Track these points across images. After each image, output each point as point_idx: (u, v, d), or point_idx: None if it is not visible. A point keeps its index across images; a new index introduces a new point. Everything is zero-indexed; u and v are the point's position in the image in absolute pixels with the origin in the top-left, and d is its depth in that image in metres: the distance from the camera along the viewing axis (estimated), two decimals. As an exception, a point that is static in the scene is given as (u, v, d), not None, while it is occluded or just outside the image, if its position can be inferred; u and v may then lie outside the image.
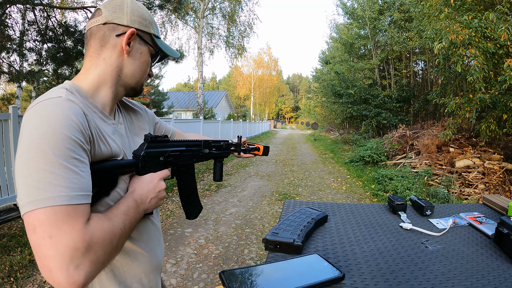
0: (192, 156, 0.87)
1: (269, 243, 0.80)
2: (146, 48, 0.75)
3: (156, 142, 0.74)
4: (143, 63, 0.75)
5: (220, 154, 1.02)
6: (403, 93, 11.49)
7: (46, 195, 0.50)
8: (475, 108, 5.49)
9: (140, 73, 0.76)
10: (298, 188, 5.89)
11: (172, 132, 1.07)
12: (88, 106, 0.67)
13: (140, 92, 0.79)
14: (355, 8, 13.52)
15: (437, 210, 1.15)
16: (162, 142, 0.76)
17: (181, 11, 8.70)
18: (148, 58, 0.76)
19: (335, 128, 21.95)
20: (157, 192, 0.72)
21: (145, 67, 0.76)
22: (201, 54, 13.38)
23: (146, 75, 0.79)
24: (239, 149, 1.11)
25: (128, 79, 0.74)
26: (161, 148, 0.75)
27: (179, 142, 0.83)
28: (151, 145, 0.72)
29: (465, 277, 0.69)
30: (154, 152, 0.73)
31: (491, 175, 5.53)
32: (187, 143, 0.86)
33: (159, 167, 0.75)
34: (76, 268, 0.48)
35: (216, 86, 56.34)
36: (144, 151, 0.70)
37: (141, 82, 0.78)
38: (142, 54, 0.74)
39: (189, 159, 0.86)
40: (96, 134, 0.63)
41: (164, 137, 0.76)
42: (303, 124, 40.94)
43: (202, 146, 0.90)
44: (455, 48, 5.17)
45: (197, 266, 2.73)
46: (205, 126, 10.72)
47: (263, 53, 38.39)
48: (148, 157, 0.71)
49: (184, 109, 22.40)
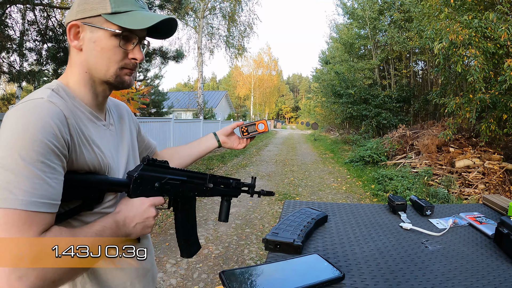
0: (194, 189, 0.79)
1: (269, 243, 0.80)
2: (101, 33, 0.64)
3: (153, 166, 0.69)
4: (102, 51, 0.65)
5: (228, 193, 0.91)
6: (403, 93, 11.49)
7: (3, 195, 0.47)
8: (475, 108, 5.49)
9: (104, 62, 0.66)
10: (298, 188, 5.89)
11: (152, 148, 1.00)
12: (75, 107, 0.63)
13: (119, 83, 0.69)
14: (355, 8, 13.52)
15: (437, 210, 1.15)
16: (160, 167, 0.71)
17: (181, 11, 8.69)
18: (107, 42, 0.65)
19: (335, 128, 21.95)
20: (144, 218, 0.66)
21: (108, 54, 0.65)
22: (201, 54, 13.39)
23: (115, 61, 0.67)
24: (252, 191, 0.98)
25: (96, 73, 0.67)
26: (158, 173, 0.70)
27: (181, 171, 0.76)
28: (148, 168, 0.68)
29: (465, 277, 0.69)
30: (150, 176, 0.68)
31: (491, 175, 5.52)
32: (190, 174, 0.78)
33: (153, 193, 0.69)
34: (19, 279, 0.45)
35: (216, 86, 56.34)
36: (138, 173, 0.66)
37: (111, 73, 0.67)
38: (97, 41, 0.64)
39: (190, 192, 0.79)
40: (78, 138, 0.59)
41: (164, 162, 0.71)
42: (303, 124, 40.94)
43: (208, 180, 0.82)
44: (455, 48, 5.17)
45: (197, 266, 2.73)
46: (205, 126, 10.73)
47: (263, 53, 38.41)
48: (141, 180, 0.66)
49: (184, 109, 22.40)
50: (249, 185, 0.98)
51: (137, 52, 0.69)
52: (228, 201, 0.93)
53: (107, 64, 0.66)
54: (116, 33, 0.65)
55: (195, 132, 9.72)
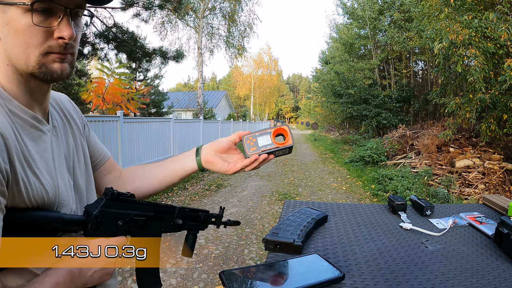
0: (160, 225, 0.68)
1: (269, 243, 0.80)
2: (13, 11, 0.49)
3: (117, 201, 0.58)
4: (15, 35, 0.50)
5: (195, 227, 0.81)
6: (403, 93, 11.50)
7: None
8: (475, 108, 5.49)
9: (22, 49, 0.50)
10: (298, 188, 5.89)
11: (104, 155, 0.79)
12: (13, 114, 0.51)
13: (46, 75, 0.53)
14: (355, 8, 13.53)
15: (437, 210, 1.15)
16: (126, 202, 0.60)
17: (181, 11, 8.70)
18: (20, 21, 0.49)
19: (335, 128, 21.96)
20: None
21: (24, 37, 0.50)
22: (201, 54, 13.39)
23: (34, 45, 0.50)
24: (219, 222, 0.86)
25: (18, 65, 0.52)
26: (122, 209, 0.59)
27: (148, 205, 0.65)
28: (110, 204, 0.57)
29: (465, 277, 0.69)
30: (113, 213, 0.57)
31: (491, 175, 5.52)
32: (158, 208, 0.67)
33: (115, 233, 0.58)
34: None
35: (216, 86, 56.36)
36: (99, 210, 0.55)
37: (32, 62, 0.51)
38: (11, 23, 0.49)
39: (157, 228, 0.67)
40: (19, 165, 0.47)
41: (130, 195, 0.60)
42: (303, 124, 40.97)
43: (176, 214, 0.72)
44: (455, 48, 5.17)
45: (197, 266, 2.73)
46: (205, 126, 10.72)
47: (263, 53, 38.42)
48: (102, 218, 0.56)
49: (184, 109, 22.40)
50: (217, 216, 0.85)
51: (64, 28, 0.51)
52: (195, 235, 0.82)
53: (25, 51, 0.50)
54: (26, 7, 0.48)
55: (195, 132, 9.71)
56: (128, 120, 5.81)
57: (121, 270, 2.58)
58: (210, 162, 0.73)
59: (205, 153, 0.73)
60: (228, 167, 0.72)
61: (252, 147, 0.70)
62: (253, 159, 0.70)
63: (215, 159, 0.73)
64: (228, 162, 0.73)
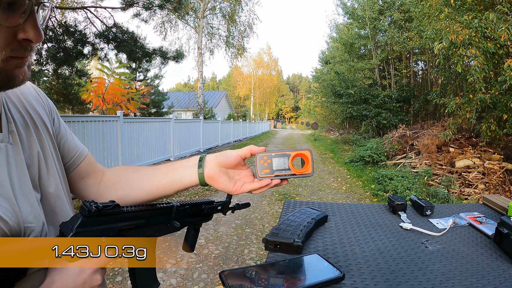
0: (154, 230, 0.59)
1: (269, 243, 0.80)
2: None
3: (98, 216, 0.47)
4: None
5: (199, 221, 0.71)
6: (403, 93, 11.50)
7: None
8: (475, 108, 5.49)
9: None
10: (298, 188, 5.89)
11: (80, 153, 0.65)
12: None
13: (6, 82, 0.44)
14: (355, 8, 13.54)
15: (437, 210, 1.15)
16: (109, 216, 0.49)
17: (181, 11, 8.70)
18: None
19: (335, 128, 21.96)
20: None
21: None
22: (201, 54, 13.39)
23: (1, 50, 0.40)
24: (226, 209, 0.76)
25: None
26: (105, 224, 0.49)
27: (137, 211, 0.54)
28: (89, 221, 0.47)
29: (465, 277, 0.69)
30: (93, 231, 0.48)
31: (491, 175, 5.53)
32: (150, 213, 0.57)
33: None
34: None
35: (216, 86, 56.37)
36: (74, 232, 0.46)
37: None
38: None
39: (149, 233, 0.59)
40: None
41: (114, 206, 0.49)
42: (303, 124, 40.98)
43: (174, 215, 0.62)
44: (455, 48, 5.18)
45: (197, 266, 2.73)
46: (205, 126, 10.72)
47: (263, 53, 38.46)
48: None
49: (184, 109, 22.42)
50: (223, 204, 0.75)
51: (31, 28, 0.42)
52: (197, 229, 0.74)
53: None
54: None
55: (195, 132, 9.71)
56: (128, 120, 5.81)
57: (121, 270, 2.58)
58: (214, 179, 0.60)
59: (209, 167, 0.60)
60: (235, 188, 0.60)
61: (265, 169, 0.61)
62: (264, 183, 0.60)
63: (220, 176, 0.60)
64: (235, 180, 0.61)
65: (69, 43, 5.91)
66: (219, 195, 5.17)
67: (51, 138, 0.58)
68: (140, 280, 0.61)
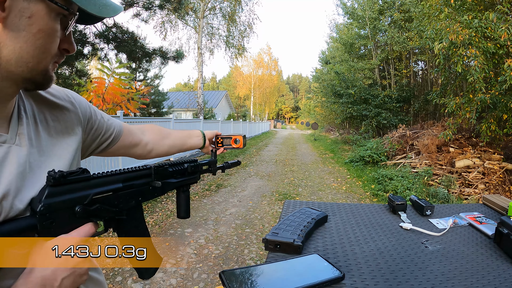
0: (136, 195, 0.57)
1: (269, 243, 0.80)
2: (41, 7, 0.43)
3: (65, 184, 0.46)
4: (37, 35, 0.43)
5: (184, 182, 0.69)
6: (403, 93, 11.50)
7: None
8: (475, 108, 5.49)
9: (37, 52, 0.44)
10: (298, 188, 5.89)
11: (118, 129, 0.73)
12: None
13: (46, 82, 0.49)
14: (355, 8, 13.54)
15: (437, 210, 1.15)
16: (77, 182, 0.47)
17: (181, 11, 8.70)
18: (48, 23, 0.44)
19: (335, 128, 21.96)
20: (71, 267, 0.45)
21: (43, 40, 0.44)
22: (201, 54, 13.39)
23: (50, 53, 0.46)
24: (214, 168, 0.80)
25: (12, 65, 0.44)
26: (76, 192, 0.47)
27: (112, 175, 0.53)
28: (57, 190, 0.45)
29: (465, 277, 0.69)
30: (63, 201, 0.46)
31: (491, 175, 5.53)
32: (126, 176, 0.56)
33: (76, 223, 0.48)
34: None
35: (216, 86, 56.38)
36: (43, 204, 0.43)
37: (40, 68, 0.46)
38: (34, 18, 0.43)
39: (131, 200, 0.56)
40: None
41: (81, 171, 0.48)
42: (303, 124, 40.99)
43: (153, 176, 0.60)
44: (455, 48, 5.18)
45: (197, 266, 2.73)
46: (205, 126, 10.73)
47: (263, 53, 38.44)
48: (51, 212, 0.44)
49: (184, 109, 22.41)
50: (210, 162, 0.78)
51: (71, 42, 0.50)
52: (186, 192, 0.72)
53: (40, 55, 0.45)
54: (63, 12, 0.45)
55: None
56: (128, 120, 5.81)
57: (121, 270, 2.58)
58: (206, 147, 0.99)
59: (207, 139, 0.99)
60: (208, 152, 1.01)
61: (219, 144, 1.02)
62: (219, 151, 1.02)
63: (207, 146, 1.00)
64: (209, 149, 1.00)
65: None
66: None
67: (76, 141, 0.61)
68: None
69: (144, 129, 0.87)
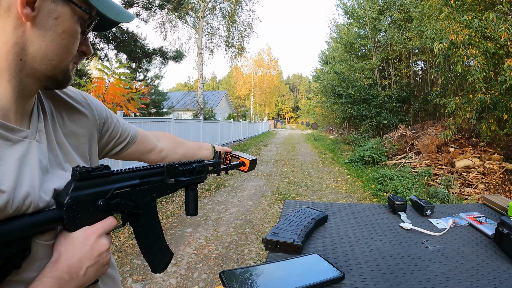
0: (151, 191, 0.61)
1: (269, 243, 0.80)
2: (67, 9, 0.47)
3: (90, 179, 0.50)
4: (62, 35, 0.47)
5: (193, 181, 0.74)
6: (403, 93, 11.50)
7: None
8: (475, 109, 5.49)
9: (60, 51, 0.48)
10: (298, 188, 5.89)
11: (133, 133, 0.78)
12: None
13: (66, 81, 0.52)
14: (355, 8, 13.54)
15: (437, 210, 1.15)
16: (100, 178, 0.51)
17: (181, 11, 8.70)
18: (72, 25, 0.48)
19: (335, 128, 21.96)
20: (96, 256, 0.49)
21: (67, 41, 0.48)
22: (201, 54, 13.39)
23: (72, 53, 0.50)
24: (218, 169, 0.84)
25: (37, 63, 0.47)
26: (99, 186, 0.51)
27: (129, 172, 0.57)
28: (82, 185, 0.49)
29: (465, 277, 0.69)
30: (88, 194, 0.49)
31: (491, 175, 5.53)
32: (143, 173, 0.60)
33: (99, 216, 0.52)
34: None
35: (216, 86, 56.40)
36: (70, 196, 0.47)
37: (62, 67, 0.50)
38: (60, 19, 0.46)
39: (147, 196, 0.61)
40: None
41: (103, 168, 0.52)
42: (303, 124, 41.00)
43: (166, 173, 0.64)
44: (455, 48, 5.18)
45: (197, 266, 2.73)
46: (205, 126, 10.73)
47: (263, 53, 38.44)
48: (77, 204, 0.48)
49: (184, 109, 22.41)
50: (214, 163, 0.82)
51: (88, 45, 0.54)
52: (195, 190, 0.76)
53: (63, 55, 0.49)
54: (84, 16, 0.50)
55: (195, 132, 9.72)
56: (128, 120, 5.81)
57: (121, 270, 2.58)
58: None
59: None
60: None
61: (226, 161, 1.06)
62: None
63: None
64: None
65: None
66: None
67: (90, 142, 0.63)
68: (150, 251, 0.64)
69: (159, 135, 0.90)
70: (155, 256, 0.65)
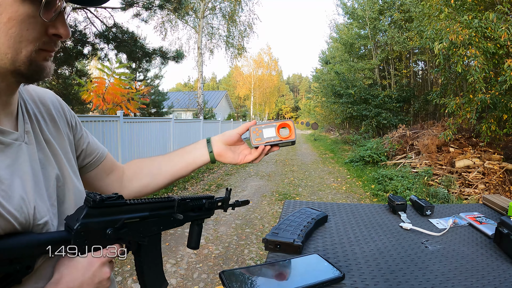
0: (158, 223, 0.60)
1: (269, 243, 0.80)
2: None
3: (102, 208, 0.49)
4: (7, 24, 0.41)
5: (200, 216, 0.73)
6: (403, 93, 11.51)
7: None
8: (476, 109, 5.49)
9: (11, 42, 0.42)
10: (298, 188, 5.89)
11: (100, 154, 0.70)
12: None
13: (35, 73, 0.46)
14: (355, 8, 13.54)
15: (437, 210, 1.15)
16: (113, 207, 0.51)
17: (181, 11, 8.70)
18: (17, 9, 0.41)
19: (335, 128, 21.97)
20: (96, 283, 0.48)
21: (16, 29, 0.41)
22: (201, 54, 13.39)
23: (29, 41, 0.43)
24: (226, 205, 0.80)
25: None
26: (110, 215, 0.51)
27: (141, 203, 0.56)
28: (94, 212, 0.48)
29: (465, 277, 0.69)
30: (98, 222, 0.49)
31: (491, 175, 5.52)
32: (153, 205, 0.59)
33: (105, 244, 0.51)
34: None
35: (216, 86, 56.39)
36: (80, 222, 0.47)
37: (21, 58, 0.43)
38: (2, 7, 0.40)
39: (154, 227, 0.60)
40: None
41: (117, 197, 0.51)
42: (303, 124, 40.99)
43: (176, 208, 0.63)
44: (456, 48, 5.18)
45: (197, 266, 2.73)
46: (205, 126, 10.73)
47: (263, 53, 38.45)
48: (86, 231, 0.48)
49: (184, 109, 22.40)
50: (223, 200, 0.79)
51: (61, 25, 0.45)
52: (200, 226, 0.74)
53: (16, 45, 0.42)
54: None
55: (195, 132, 9.72)
56: (128, 120, 5.81)
57: (121, 270, 2.58)
58: (222, 156, 0.76)
59: (217, 146, 0.75)
60: (239, 159, 0.76)
61: (257, 138, 0.75)
62: (260, 150, 0.74)
63: (226, 152, 0.75)
64: (237, 153, 0.76)
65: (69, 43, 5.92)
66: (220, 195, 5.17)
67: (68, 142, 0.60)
68: (148, 280, 0.62)
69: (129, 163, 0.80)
70: (152, 285, 0.64)
